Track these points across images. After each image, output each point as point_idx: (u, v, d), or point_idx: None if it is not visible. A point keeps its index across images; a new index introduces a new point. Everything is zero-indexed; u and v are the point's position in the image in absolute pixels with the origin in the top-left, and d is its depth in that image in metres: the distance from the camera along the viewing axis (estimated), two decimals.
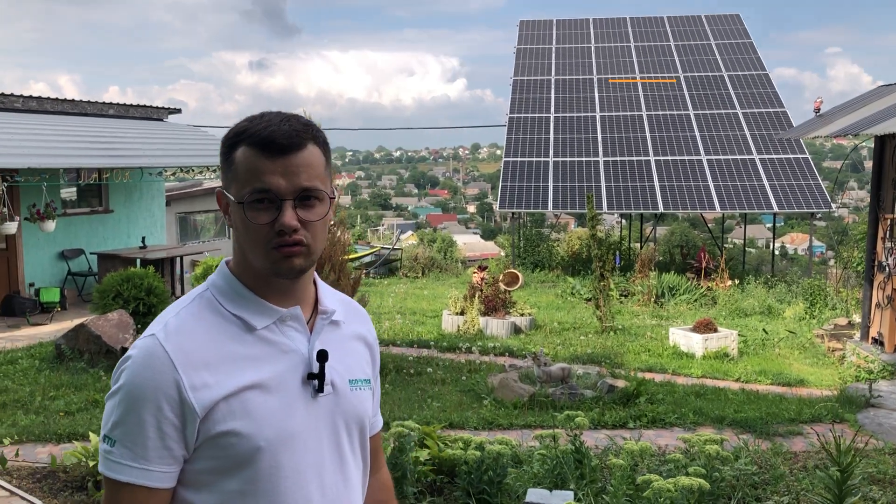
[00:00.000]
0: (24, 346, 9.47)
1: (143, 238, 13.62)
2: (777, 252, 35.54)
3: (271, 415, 1.28)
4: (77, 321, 9.30)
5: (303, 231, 1.30)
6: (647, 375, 8.30)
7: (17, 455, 5.65)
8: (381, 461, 1.65)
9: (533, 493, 3.76)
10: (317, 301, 1.43)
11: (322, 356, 1.34)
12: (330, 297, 1.46)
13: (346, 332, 1.46)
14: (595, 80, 20.76)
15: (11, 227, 10.71)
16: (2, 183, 10.86)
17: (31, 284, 12.30)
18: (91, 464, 5.03)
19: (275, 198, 1.28)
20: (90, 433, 5.75)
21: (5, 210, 10.71)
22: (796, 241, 53.55)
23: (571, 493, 3.68)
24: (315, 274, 1.44)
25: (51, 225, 11.27)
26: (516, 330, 10.80)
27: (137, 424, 1.23)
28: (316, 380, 1.34)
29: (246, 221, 1.29)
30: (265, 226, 1.28)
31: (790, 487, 4.95)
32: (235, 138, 1.32)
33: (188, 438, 1.25)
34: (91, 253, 13.04)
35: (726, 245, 24.21)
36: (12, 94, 12.57)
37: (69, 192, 13.42)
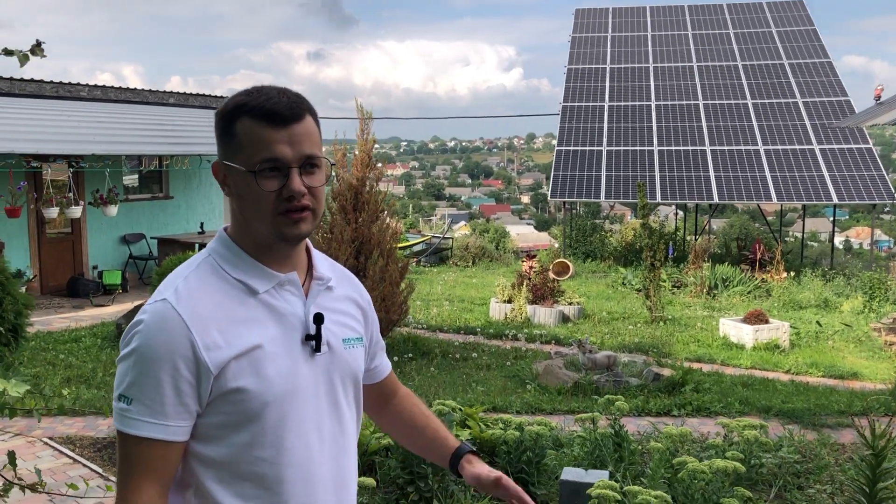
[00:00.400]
0: (87, 325, 9.88)
1: (202, 223, 14.00)
2: (841, 246, 34.58)
3: (277, 373, 1.37)
4: (137, 303, 9.66)
5: (308, 196, 1.39)
6: (695, 365, 8.24)
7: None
8: (398, 384, 1.82)
9: (568, 472, 3.82)
10: (310, 267, 1.53)
11: (318, 318, 1.44)
12: (323, 263, 1.56)
13: (338, 296, 1.56)
14: (651, 68, 20.48)
15: (76, 212, 11.14)
16: (68, 169, 11.31)
17: (95, 267, 12.78)
18: None
19: (282, 166, 1.37)
20: None
21: (71, 195, 11.15)
22: (862, 236, 51.89)
23: (607, 473, 3.72)
24: (308, 242, 1.54)
25: (113, 210, 11.68)
26: (564, 319, 10.81)
27: (154, 384, 1.31)
28: (313, 340, 1.44)
29: (256, 189, 1.37)
30: (273, 193, 1.37)
31: (834, 477, 4.89)
32: (235, 111, 1.39)
33: (202, 395, 1.34)
34: (151, 237, 13.48)
35: (787, 238, 23.70)
36: (79, 84, 13.05)
37: (131, 179, 13.88)
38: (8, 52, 1.74)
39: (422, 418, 1.80)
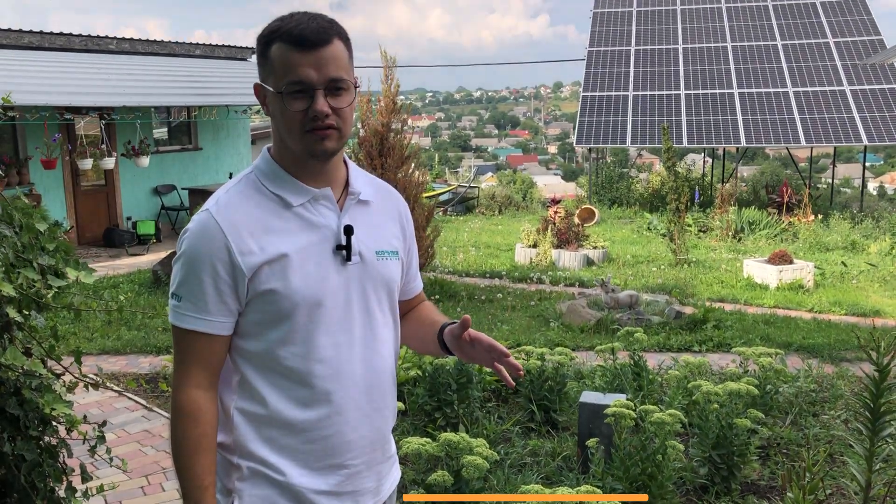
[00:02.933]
0: (124, 273, 10.20)
1: (231, 174, 14.24)
2: (874, 192, 33.99)
3: (305, 278, 1.53)
4: (171, 251, 9.94)
5: (333, 116, 1.50)
6: (718, 305, 8.35)
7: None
8: (423, 298, 1.92)
9: (587, 395, 3.99)
10: (348, 182, 1.65)
11: (348, 230, 1.58)
12: (360, 179, 1.68)
13: (376, 210, 1.68)
14: (678, 10, 20.13)
15: (109, 163, 11.40)
16: (100, 121, 11.54)
17: (129, 218, 13.10)
18: None
19: (308, 88, 1.48)
20: None
21: (104, 147, 11.40)
22: None
23: (624, 396, 3.89)
24: (346, 157, 1.66)
25: (145, 160, 11.92)
26: (588, 262, 10.93)
27: (198, 283, 1.49)
28: (344, 250, 1.57)
29: (284, 109, 1.50)
30: (300, 112, 1.49)
31: (848, 404, 5.03)
32: (270, 36, 1.52)
33: (240, 294, 1.51)
34: (182, 188, 13.75)
35: (819, 184, 23.37)
36: (106, 37, 13.20)
37: (161, 132, 14.10)
38: None
39: (426, 314, 1.86)
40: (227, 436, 1.58)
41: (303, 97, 1.49)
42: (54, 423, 1.96)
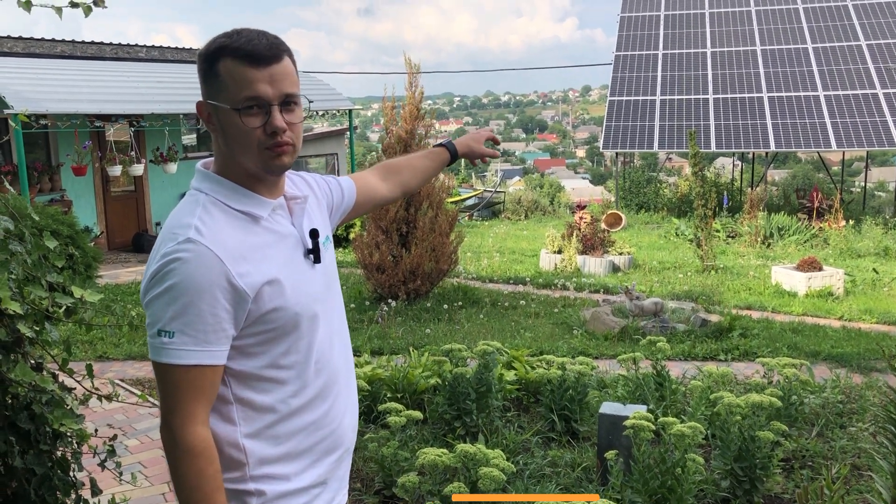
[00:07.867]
0: None
1: None
2: None
3: (298, 287, 1.54)
4: None
5: (288, 132, 1.51)
6: (745, 312, 8.23)
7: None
8: (368, 175, 2.09)
9: (607, 406, 3.96)
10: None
11: (314, 234, 1.61)
12: (291, 180, 1.70)
13: (309, 203, 1.70)
14: (706, 14, 19.93)
15: (139, 169, 11.55)
16: (129, 128, 11.70)
17: (158, 223, 13.27)
18: None
19: (264, 104, 1.48)
20: None
21: (133, 153, 11.56)
22: None
23: (645, 407, 3.85)
24: None
25: (173, 167, 12.07)
26: (614, 268, 10.84)
27: (195, 314, 1.40)
28: (311, 254, 1.60)
29: (241, 126, 1.48)
30: (257, 129, 1.48)
31: (877, 417, 4.92)
32: (218, 53, 1.48)
33: (238, 319, 1.47)
34: None
35: (852, 188, 22.94)
36: (136, 45, 13.40)
37: (190, 139, 14.27)
38: (74, 4, 1.91)
39: (416, 161, 2.14)
40: (235, 471, 1.54)
41: (259, 113, 1.48)
42: (68, 436, 1.98)
